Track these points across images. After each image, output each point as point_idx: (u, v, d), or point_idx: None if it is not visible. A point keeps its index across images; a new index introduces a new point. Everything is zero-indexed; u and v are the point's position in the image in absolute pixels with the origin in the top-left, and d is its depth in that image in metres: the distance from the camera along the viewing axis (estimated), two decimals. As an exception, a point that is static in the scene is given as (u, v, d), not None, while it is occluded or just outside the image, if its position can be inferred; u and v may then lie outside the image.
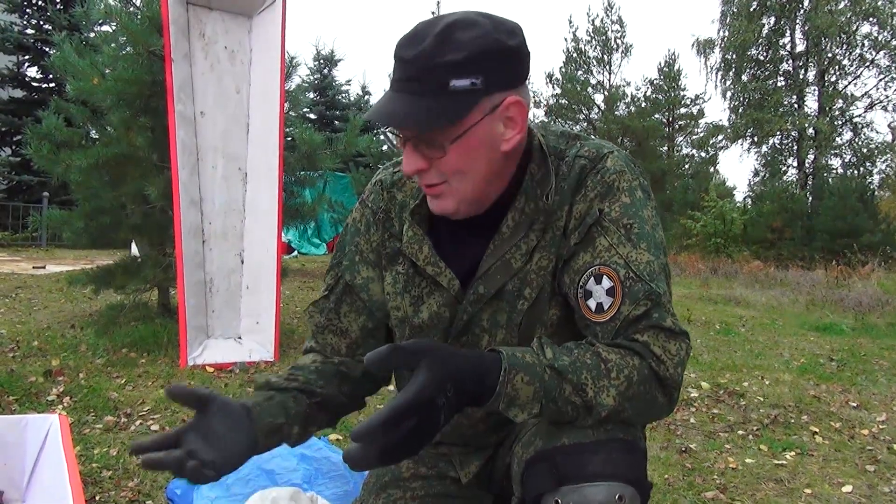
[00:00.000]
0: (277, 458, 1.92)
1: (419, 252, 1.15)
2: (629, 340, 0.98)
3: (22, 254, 11.31)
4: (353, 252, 1.24)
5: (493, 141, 1.01)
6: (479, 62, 0.95)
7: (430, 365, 0.90)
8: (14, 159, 14.34)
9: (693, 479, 2.32)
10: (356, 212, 1.27)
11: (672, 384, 0.98)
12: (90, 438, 2.43)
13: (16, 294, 6.14)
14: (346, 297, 1.23)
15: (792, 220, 16.77)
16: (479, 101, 0.97)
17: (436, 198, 1.04)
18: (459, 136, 0.98)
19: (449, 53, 0.94)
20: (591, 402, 0.94)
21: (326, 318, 1.24)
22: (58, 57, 4.42)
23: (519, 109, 1.00)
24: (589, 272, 1.01)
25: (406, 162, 1.01)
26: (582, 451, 0.96)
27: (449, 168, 1.00)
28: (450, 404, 0.89)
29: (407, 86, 0.96)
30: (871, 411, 3.31)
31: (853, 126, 24.74)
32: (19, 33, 14.67)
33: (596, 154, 1.09)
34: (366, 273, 1.23)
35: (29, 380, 3.13)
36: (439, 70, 0.94)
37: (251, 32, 4.08)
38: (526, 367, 0.93)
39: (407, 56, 0.96)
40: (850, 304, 7.97)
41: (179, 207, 3.69)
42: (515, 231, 1.08)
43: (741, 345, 5.22)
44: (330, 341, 1.24)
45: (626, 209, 1.04)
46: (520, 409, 0.93)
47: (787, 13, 24.51)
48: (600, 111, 30.43)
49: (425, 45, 0.95)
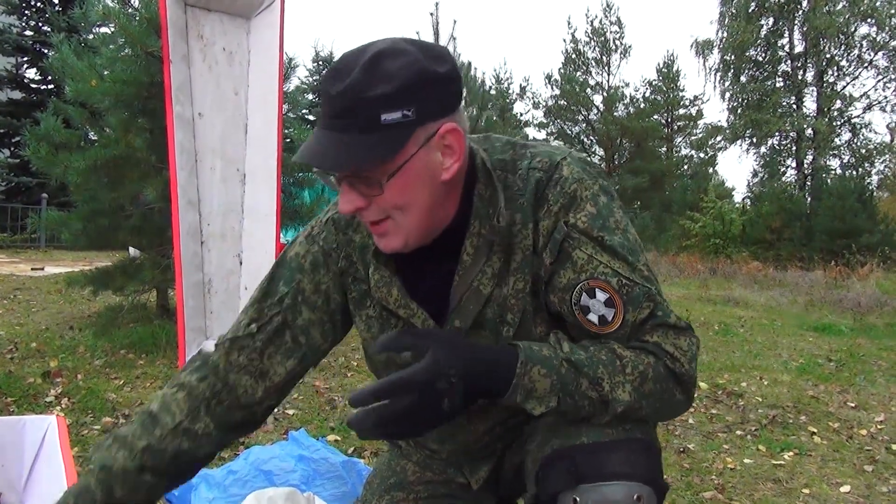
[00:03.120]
0: (275, 459, 1.93)
1: (388, 296, 1.10)
2: (640, 342, 0.98)
3: (21, 255, 11.30)
4: (294, 291, 1.15)
5: (432, 171, 0.96)
6: (409, 93, 0.90)
7: (436, 349, 0.92)
8: (13, 161, 14.32)
9: (691, 479, 2.32)
10: (299, 247, 1.18)
11: (689, 380, 0.99)
12: (88, 440, 2.43)
13: (14, 295, 6.13)
14: (277, 338, 1.15)
15: (791, 220, 16.78)
16: (412, 132, 0.92)
17: (381, 236, 1.00)
18: (395, 171, 0.92)
19: (377, 86, 0.89)
20: (607, 396, 0.95)
21: (247, 357, 1.14)
22: (56, 58, 4.42)
23: (456, 136, 0.96)
24: (578, 288, 0.98)
25: (343, 201, 0.96)
26: (600, 451, 0.96)
27: (388, 204, 0.95)
28: (455, 391, 0.91)
29: (336, 122, 0.91)
30: (870, 411, 3.31)
31: (852, 127, 24.79)
32: (18, 35, 14.65)
33: (549, 163, 1.05)
34: (307, 315, 1.15)
35: (27, 381, 3.13)
36: (368, 104, 0.89)
37: (249, 34, 4.08)
38: (543, 360, 0.94)
39: (333, 91, 0.90)
40: (849, 304, 7.97)
41: (178, 209, 3.69)
42: (477, 257, 1.05)
43: (740, 345, 5.22)
44: (244, 383, 1.14)
45: (594, 219, 1.01)
46: (537, 402, 0.94)
47: (786, 14, 24.55)
48: (599, 112, 30.46)
49: (352, 78, 0.89)
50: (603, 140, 30.20)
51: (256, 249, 4.04)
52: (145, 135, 4.23)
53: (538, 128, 31.86)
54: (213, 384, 1.14)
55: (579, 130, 31.45)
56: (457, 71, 0.96)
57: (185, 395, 1.13)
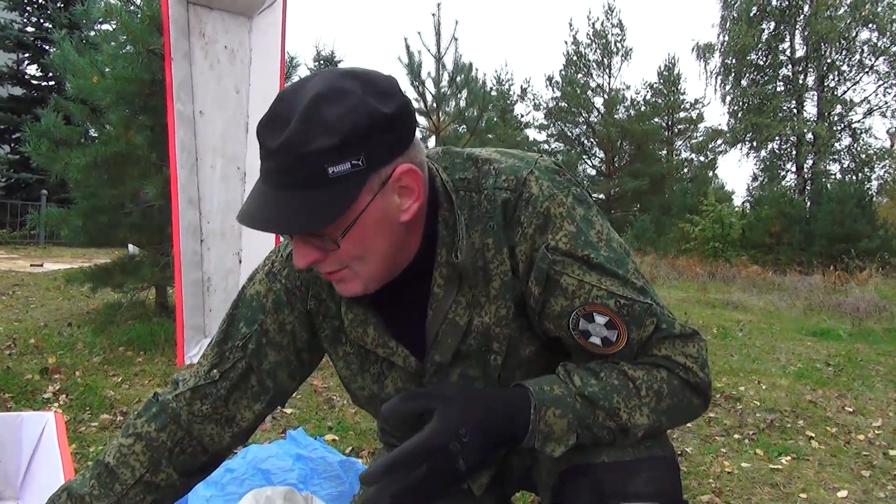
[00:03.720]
0: (273, 458, 1.92)
1: (365, 335, 1.04)
2: (650, 357, 0.96)
3: (20, 251, 11.29)
4: (257, 333, 1.07)
5: (390, 216, 0.89)
6: (357, 141, 0.81)
7: (443, 411, 0.88)
8: (13, 157, 14.33)
9: (688, 483, 2.32)
10: (260, 285, 1.09)
11: (704, 385, 0.98)
12: (86, 437, 2.43)
13: (13, 292, 6.13)
14: (242, 383, 1.08)
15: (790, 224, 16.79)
16: (365, 181, 0.84)
17: (340, 282, 0.93)
18: (351, 224, 0.86)
19: (318, 139, 0.80)
20: (625, 424, 0.93)
21: (212, 405, 1.07)
22: (57, 55, 4.42)
23: (412, 177, 0.88)
24: (574, 315, 0.94)
25: (297, 257, 0.88)
26: (624, 469, 0.95)
27: (346, 256, 0.89)
28: (469, 449, 0.87)
29: (279, 179, 0.83)
30: (867, 417, 3.31)
31: (852, 132, 24.81)
32: (19, 31, 14.67)
33: (516, 181, 0.97)
34: (273, 357, 1.07)
35: (25, 377, 3.13)
36: (311, 159, 0.81)
37: (251, 32, 4.08)
38: (555, 401, 0.91)
39: (272, 145, 0.82)
40: (848, 309, 7.97)
41: (178, 206, 3.69)
42: (448, 288, 0.99)
43: (738, 349, 5.22)
44: (210, 432, 1.08)
45: (575, 238, 0.95)
46: (556, 444, 0.92)
47: (787, 18, 24.58)
48: (600, 114, 30.47)
49: (290, 131, 0.81)
50: (603, 142, 30.21)
51: (256, 248, 4.05)
52: (146, 132, 4.23)
53: (539, 129, 31.92)
54: (174, 433, 1.07)
55: (580, 132, 31.46)
56: (406, 105, 0.88)
57: (143, 447, 1.06)
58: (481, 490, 1.24)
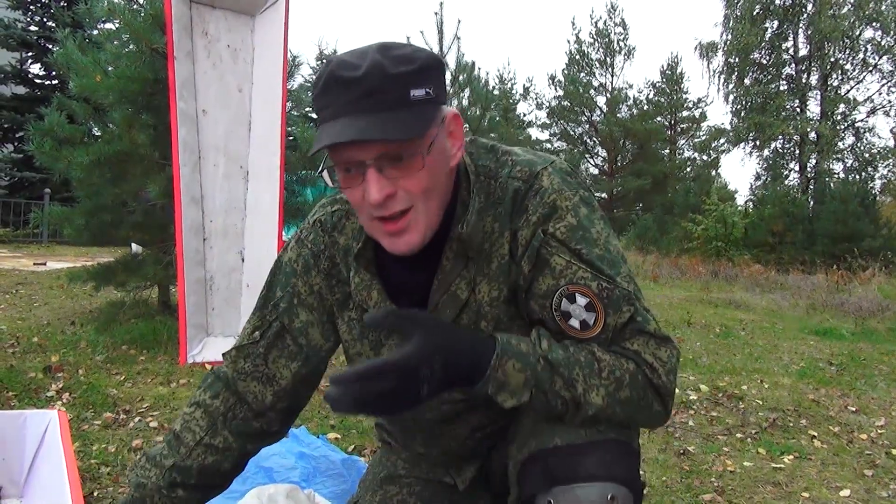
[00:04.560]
0: (275, 456, 1.93)
1: (368, 299, 1.10)
2: (621, 348, 0.98)
3: (23, 250, 11.32)
4: (289, 294, 1.16)
5: (447, 155, 0.97)
6: (427, 72, 0.92)
7: (423, 336, 0.92)
8: (16, 156, 14.37)
9: (691, 482, 2.32)
10: (291, 251, 1.19)
11: (666, 392, 0.99)
12: (89, 435, 2.43)
13: (16, 290, 6.14)
14: (279, 341, 1.16)
15: (793, 224, 16.75)
16: (434, 112, 0.93)
17: (400, 234, 0.96)
18: (429, 147, 0.92)
19: (399, 65, 0.89)
20: (579, 398, 0.95)
21: (253, 363, 1.17)
22: (61, 54, 4.43)
23: (458, 122, 0.98)
24: (558, 294, 0.98)
25: (374, 189, 0.91)
26: (574, 453, 0.96)
27: (419, 187, 0.93)
28: (435, 378, 0.91)
29: (364, 104, 0.88)
30: (870, 416, 3.30)
31: (855, 131, 24.73)
32: (23, 30, 14.69)
33: (529, 173, 1.04)
34: (304, 317, 1.16)
35: (28, 376, 3.14)
36: (396, 81, 0.89)
37: (254, 31, 4.09)
38: (519, 355, 0.94)
39: (353, 76, 0.88)
40: (851, 308, 7.96)
41: (180, 205, 3.70)
42: (456, 262, 1.05)
43: (741, 348, 5.21)
44: (253, 389, 1.17)
45: (573, 231, 1.00)
46: (509, 395, 0.94)
47: (791, 17, 24.50)
48: (602, 113, 30.44)
49: (371, 60, 0.89)
50: (606, 141, 30.19)
51: (258, 246, 4.05)
52: (149, 131, 4.24)
53: (541, 128, 31.89)
54: (226, 399, 1.18)
55: (582, 131, 31.44)
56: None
57: (202, 413, 1.18)
58: (465, 485, 1.26)
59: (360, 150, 0.90)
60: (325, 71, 0.92)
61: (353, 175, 0.93)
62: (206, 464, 1.16)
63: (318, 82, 0.92)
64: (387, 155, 0.91)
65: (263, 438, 1.22)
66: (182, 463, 1.16)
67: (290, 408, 1.21)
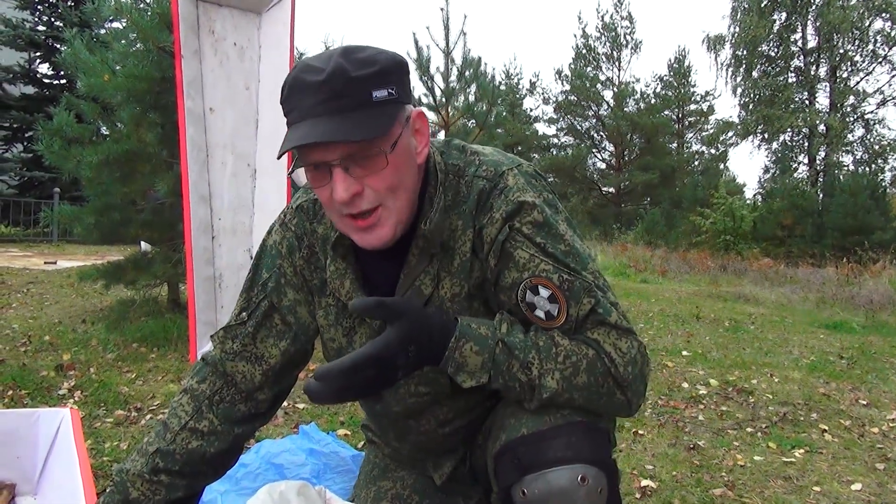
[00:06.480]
0: (286, 453, 1.94)
1: (341, 287, 1.14)
2: (583, 336, 1.01)
3: (33, 249, 11.38)
4: (276, 274, 1.19)
5: (412, 153, 1.01)
6: (389, 74, 0.95)
7: (403, 325, 0.95)
8: (26, 155, 14.43)
9: (701, 476, 2.31)
10: (276, 234, 1.22)
11: (624, 382, 1.00)
12: (101, 432, 2.45)
13: (27, 289, 6.18)
14: (267, 321, 1.19)
15: (802, 217, 16.67)
16: (397, 111, 0.96)
17: (370, 230, 1.00)
18: (393, 146, 0.95)
19: (361, 68, 0.93)
20: (534, 381, 0.97)
21: (241, 343, 1.18)
22: (69, 53, 4.45)
23: (423, 121, 1.02)
24: (522, 286, 1.01)
25: (341, 188, 0.94)
26: (541, 439, 0.98)
27: (384, 185, 0.96)
28: (409, 363, 0.96)
29: (328, 106, 0.92)
30: (882, 409, 3.29)
31: (865, 123, 24.55)
32: (31, 30, 14.74)
33: (494, 172, 1.07)
34: (292, 295, 1.19)
35: (40, 374, 3.16)
36: (358, 83, 0.92)
37: (260, 29, 4.09)
38: (477, 338, 0.98)
39: (316, 79, 0.92)
40: (861, 301, 7.92)
41: (189, 204, 3.71)
42: (421, 258, 1.08)
43: (750, 342, 5.19)
44: (241, 369, 1.19)
45: (539, 227, 1.03)
46: (468, 376, 0.98)
47: (799, 9, 24.32)
48: (609, 108, 30.31)
49: (334, 64, 0.92)
50: (613, 136, 30.06)
51: (267, 244, 4.07)
52: (157, 130, 4.25)
53: (548, 123, 31.78)
54: (213, 382, 1.19)
55: (589, 126, 31.32)
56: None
57: (188, 399, 1.19)
58: (442, 479, 1.29)
59: (326, 151, 0.93)
60: (290, 75, 0.95)
61: (321, 175, 0.96)
62: (190, 448, 1.16)
63: (285, 86, 0.95)
64: (351, 155, 0.94)
65: (251, 421, 1.22)
66: (166, 448, 1.15)
67: (278, 388, 1.23)
